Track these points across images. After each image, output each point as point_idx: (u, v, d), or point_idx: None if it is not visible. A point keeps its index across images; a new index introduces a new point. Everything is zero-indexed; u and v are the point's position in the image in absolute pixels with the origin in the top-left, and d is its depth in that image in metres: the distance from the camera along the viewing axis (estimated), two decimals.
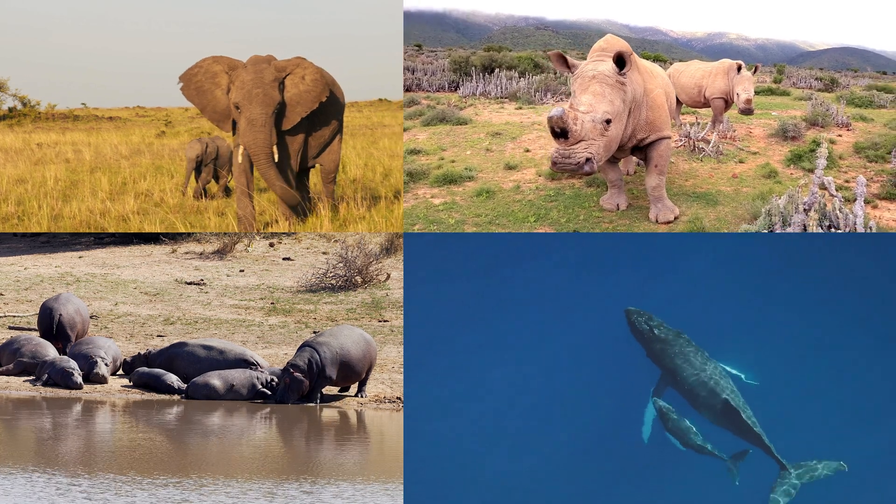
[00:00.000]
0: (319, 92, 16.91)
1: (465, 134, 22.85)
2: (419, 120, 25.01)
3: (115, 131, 34.94)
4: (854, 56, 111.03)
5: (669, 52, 76.01)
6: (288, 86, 16.74)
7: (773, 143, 21.61)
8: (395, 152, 25.87)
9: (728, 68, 21.71)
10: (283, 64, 16.91)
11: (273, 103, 16.41)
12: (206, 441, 13.21)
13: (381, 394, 15.42)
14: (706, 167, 18.73)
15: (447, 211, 16.05)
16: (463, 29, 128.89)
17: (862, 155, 20.10)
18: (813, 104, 25.84)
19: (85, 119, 39.92)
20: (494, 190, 17.11)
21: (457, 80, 36.34)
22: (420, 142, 22.05)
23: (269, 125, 16.41)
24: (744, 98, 21.14)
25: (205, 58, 17.15)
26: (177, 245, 24.15)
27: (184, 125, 37.46)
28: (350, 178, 22.09)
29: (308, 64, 17.09)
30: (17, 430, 13.44)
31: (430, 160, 19.87)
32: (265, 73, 16.54)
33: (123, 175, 23.38)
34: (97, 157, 26.14)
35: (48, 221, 18.33)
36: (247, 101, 16.36)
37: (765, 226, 12.94)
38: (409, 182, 17.92)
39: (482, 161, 19.65)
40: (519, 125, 24.13)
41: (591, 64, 13.79)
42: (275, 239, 24.50)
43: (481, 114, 26.93)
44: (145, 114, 44.34)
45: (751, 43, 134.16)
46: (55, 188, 21.15)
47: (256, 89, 16.39)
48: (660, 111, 14.76)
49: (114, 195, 20.50)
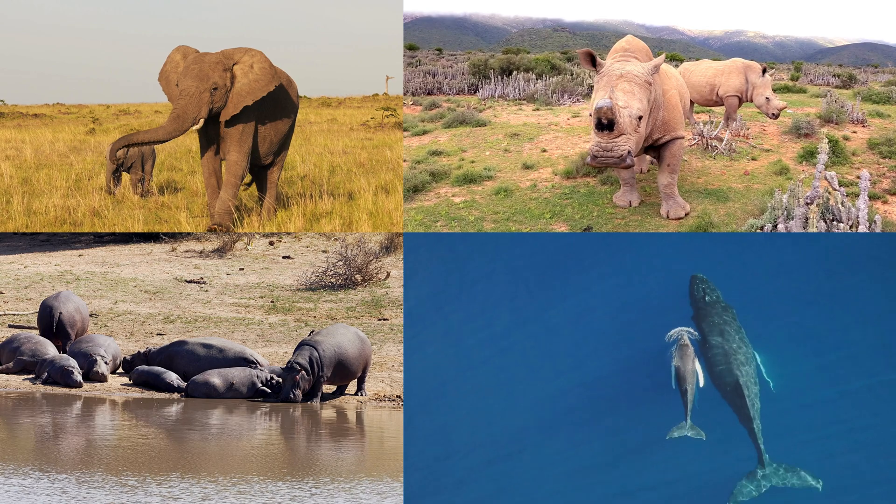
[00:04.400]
0: (268, 81, 16.78)
1: (484, 135, 23.38)
2: (441, 122, 25.60)
3: (43, 128, 34.70)
4: (874, 51, 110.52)
5: (686, 52, 76.02)
6: (238, 75, 16.65)
7: (786, 140, 21.63)
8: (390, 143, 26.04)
9: (743, 67, 21.66)
10: (231, 52, 16.82)
11: (207, 80, 16.33)
12: (205, 439, 13.22)
13: (381, 392, 15.43)
14: (718, 165, 18.93)
15: (467, 209, 16.57)
16: (482, 32, 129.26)
17: (875, 151, 20.12)
18: (828, 101, 25.79)
19: (10, 116, 39.76)
20: (512, 189, 17.59)
21: (476, 82, 36.64)
22: (442, 143, 22.58)
23: (199, 99, 16.28)
24: (778, 105, 21.18)
25: (172, 50, 17.24)
26: (177, 243, 24.15)
27: (112, 122, 37.28)
28: (300, 175, 22.04)
29: (257, 53, 16.95)
30: (17, 428, 13.44)
31: (451, 161, 20.41)
32: (207, 56, 16.58)
33: (77, 170, 23.14)
34: (37, 154, 25.96)
35: (23, 217, 18.21)
36: (182, 76, 16.38)
37: (769, 220, 12.94)
38: (430, 182, 18.36)
39: (500, 161, 20.13)
40: (536, 126, 24.56)
41: (618, 63, 13.84)
42: (275, 238, 24.50)
43: (500, 115, 27.43)
44: (68, 111, 44.11)
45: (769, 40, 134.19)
46: (11, 185, 20.98)
47: (193, 66, 16.41)
48: (674, 111, 14.89)
49: (73, 191, 20.38)
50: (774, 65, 39.60)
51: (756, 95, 21.41)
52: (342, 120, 37.01)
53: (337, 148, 27.02)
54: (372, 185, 19.87)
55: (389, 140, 28.96)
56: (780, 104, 21.37)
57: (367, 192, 18.94)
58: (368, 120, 35.22)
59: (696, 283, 11.55)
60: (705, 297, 11.37)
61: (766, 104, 21.28)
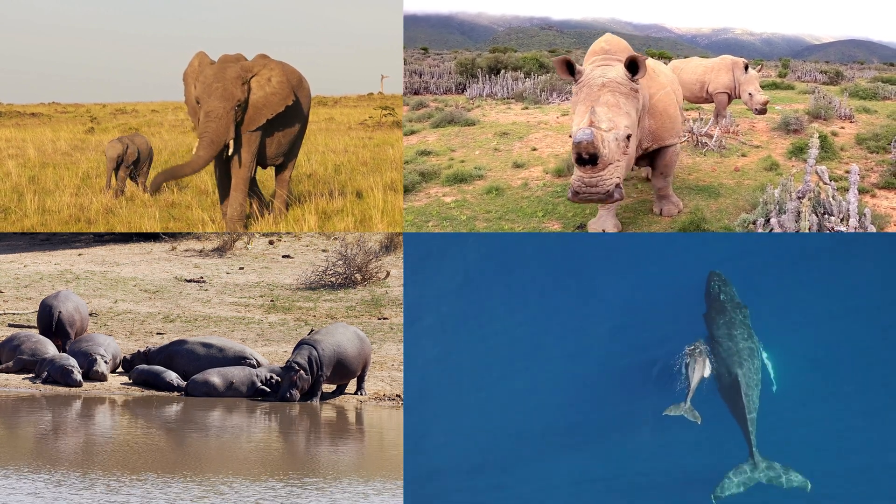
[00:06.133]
0: (286, 95, 16.56)
1: (473, 135, 23.34)
2: (429, 122, 25.49)
3: (42, 127, 34.65)
4: (860, 48, 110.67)
5: (674, 49, 75.97)
6: (254, 87, 16.42)
7: (775, 136, 21.80)
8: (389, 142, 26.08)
9: (732, 64, 21.83)
10: (250, 65, 16.57)
11: (232, 99, 16.15)
12: (205, 438, 13.22)
13: (381, 391, 15.44)
14: (709, 161, 19.02)
15: (459, 208, 16.50)
16: (468, 31, 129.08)
17: (863, 146, 20.26)
18: (815, 97, 25.99)
19: (8, 115, 39.69)
20: (503, 187, 17.55)
21: (463, 82, 36.53)
22: (430, 143, 22.52)
23: (227, 119, 16.15)
24: (760, 100, 21.32)
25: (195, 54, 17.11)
26: (176, 243, 24.14)
27: (110, 122, 37.23)
28: (306, 174, 22.06)
29: (274, 64, 16.73)
30: (17, 427, 13.44)
31: (441, 161, 20.33)
32: (228, 70, 16.29)
33: (83, 169, 23.14)
34: (40, 153, 25.96)
35: (38, 215, 18.25)
36: (206, 95, 16.12)
37: (761, 214, 12.91)
38: (420, 182, 18.26)
39: (490, 160, 20.09)
40: (525, 125, 24.55)
41: (599, 69, 12.33)
42: (274, 237, 24.50)
43: (488, 115, 27.42)
44: (64, 110, 44.00)
45: (756, 38, 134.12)
46: (19, 183, 20.98)
47: (216, 83, 16.14)
48: (662, 118, 13.57)
49: (83, 189, 20.40)
50: (762, 62, 39.62)
51: (741, 92, 21.62)
52: (340, 119, 37.00)
53: (338, 147, 27.02)
54: (379, 183, 19.87)
55: (390, 139, 28.97)
56: (763, 98, 21.56)
57: (377, 191, 18.92)
58: (367, 119, 35.20)
59: (712, 280, 11.52)
60: (720, 294, 11.35)
61: (749, 100, 21.47)
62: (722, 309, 11.23)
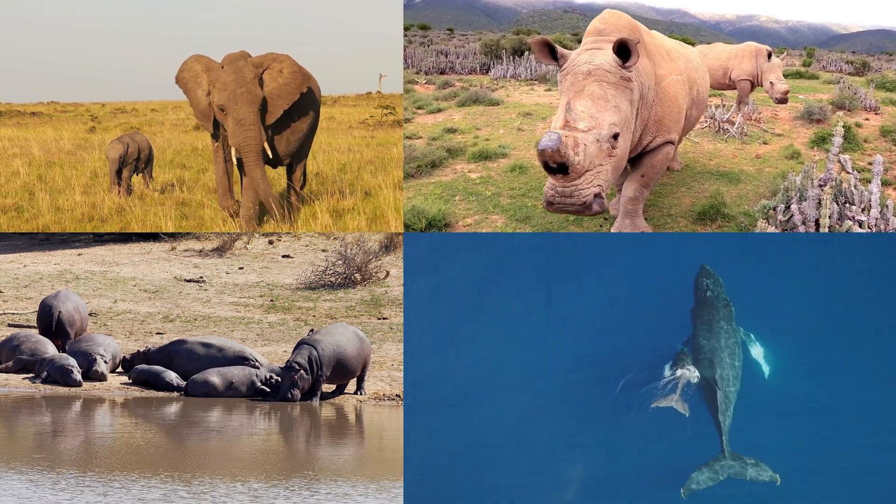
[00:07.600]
0: (300, 83, 16.70)
1: (497, 114, 23.88)
2: (454, 101, 26.27)
3: (44, 126, 34.67)
4: (889, 39, 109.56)
5: (697, 35, 75.64)
6: (267, 80, 16.50)
7: (798, 125, 21.79)
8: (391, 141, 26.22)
9: (755, 51, 21.80)
10: (260, 60, 16.63)
11: (257, 101, 16.19)
12: (205, 438, 13.21)
13: (381, 391, 15.44)
14: (730, 148, 19.17)
15: (484, 184, 17.04)
16: (493, 13, 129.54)
17: (888, 138, 20.22)
18: (840, 88, 25.82)
19: (9, 115, 39.68)
20: (527, 166, 17.99)
21: (488, 62, 36.85)
22: (456, 121, 23.20)
23: (258, 123, 16.22)
24: (781, 89, 21.30)
25: (188, 57, 17.06)
26: (176, 242, 24.14)
27: (110, 121, 37.26)
28: (312, 172, 22.09)
29: (283, 57, 16.87)
30: (17, 427, 13.43)
31: (466, 138, 20.96)
32: (245, 72, 16.30)
33: (91, 168, 23.14)
34: (45, 153, 25.98)
35: (51, 213, 18.27)
36: (232, 102, 16.12)
37: (782, 200, 12.85)
38: (447, 157, 18.87)
39: (514, 139, 20.63)
40: (548, 106, 25.00)
41: (586, 55, 10.45)
42: (274, 236, 24.50)
43: (512, 95, 28.07)
44: (64, 109, 44.06)
45: (781, 25, 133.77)
46: (28, 182, 20.98)
47: (240, 89, 16.16)
48: (670, 105, 11.62)
49: (93, 188, 20.40)
50: (786, 50, 39.51)
51: (763, 80, 21.59)
52: (340, 118, 37.02)
53: (342, 146, 27.02)
54: (388, 182, 19.88)
55: (392, 138, 28.99)
56: (784, 87, 21.53)
57: (387, 189, 18.94)
58: (367, 118, 35.22)
59: (701, 276, 11.51)
60: (707, 291, 11.35)
61: (770, 88, 21.46)
62: (707, 304, 11.23)
